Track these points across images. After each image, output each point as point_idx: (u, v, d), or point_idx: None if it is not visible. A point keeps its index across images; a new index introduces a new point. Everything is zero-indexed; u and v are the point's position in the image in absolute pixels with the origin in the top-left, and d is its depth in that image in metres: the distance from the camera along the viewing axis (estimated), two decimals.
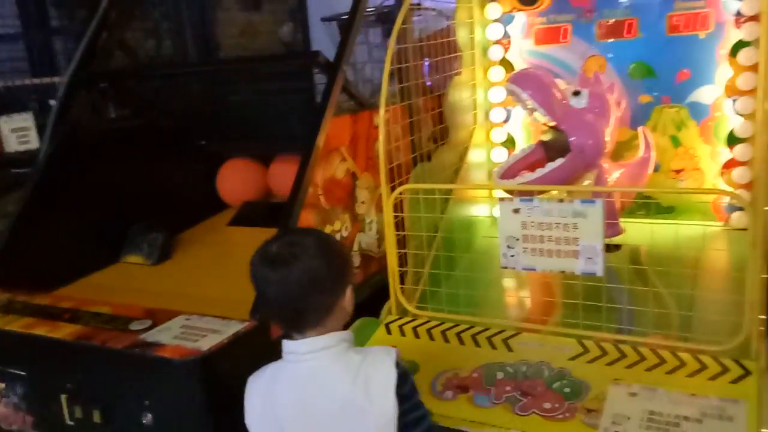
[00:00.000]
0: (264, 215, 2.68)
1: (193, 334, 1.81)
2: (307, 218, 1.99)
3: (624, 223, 2.33)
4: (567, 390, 1.70)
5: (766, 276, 1.77)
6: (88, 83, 2.71)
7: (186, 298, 2.06)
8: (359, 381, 1.24)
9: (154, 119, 2.86)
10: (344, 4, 3.30)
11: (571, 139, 2.24)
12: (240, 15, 3.54)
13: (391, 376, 1.24)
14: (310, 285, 1.26)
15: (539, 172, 2.22)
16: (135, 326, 1.89)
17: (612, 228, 2.41)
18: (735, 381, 1.66)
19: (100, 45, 2.74)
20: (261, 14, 3.55)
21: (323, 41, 3.24)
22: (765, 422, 1.50)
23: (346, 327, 1.44)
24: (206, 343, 1.72)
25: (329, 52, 2.43)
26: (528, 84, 2.24)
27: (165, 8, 3.20)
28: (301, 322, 1.30)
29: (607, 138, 2.35)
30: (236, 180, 2.88)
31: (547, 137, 2.35)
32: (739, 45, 2.38)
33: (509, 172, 2.33)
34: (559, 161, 2.22)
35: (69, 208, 2.49)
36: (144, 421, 1.74)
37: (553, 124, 2.27)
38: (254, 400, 1.35)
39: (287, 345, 1.33)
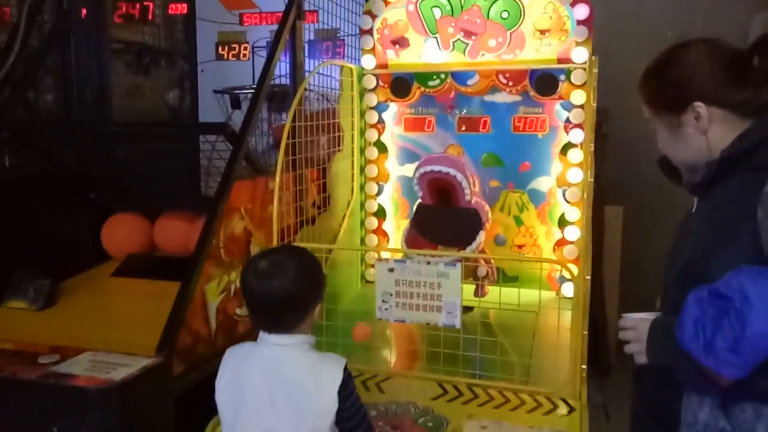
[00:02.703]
0: (148, 268, 2.78)
1: (103, 366, 1.90)
2: (208, 269, 2.16)
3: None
4: (430, 424, 1.98)
5: (585, 332, 2.20)
6: None
7: (78, 342, 2.10)
8: (313, 375, 1.49)
9: (48, 170, 2.88)
10: (233, 81, 3.59)
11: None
12: (127, 78, 3.67)
13: (338, 378, 1.50)
14: (285, 303, 1.50)
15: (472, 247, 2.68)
16: (44, 360, 1.95)
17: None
18: (563, 416, 2.03)
19: (4, 98, 2.80)
20: (149, 79, 3.70)
21: (212, 110, 3.46)
22: None
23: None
24: (119, 374, 1.83)
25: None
26: (453, 166, 2.65)
27: (62, 67, 3.25)
28: (275, 328, 1.53)
29: None
30: (121, 233, 2.92)
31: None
32: (568, 146, 2.94)
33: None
34: (482, 235, 2.71)
35: None
36: None
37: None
38: (227, 367, 1.56)
39: (262, 335, 1.56)
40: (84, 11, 3.28)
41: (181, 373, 2.01)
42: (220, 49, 3.82)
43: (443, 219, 2.71)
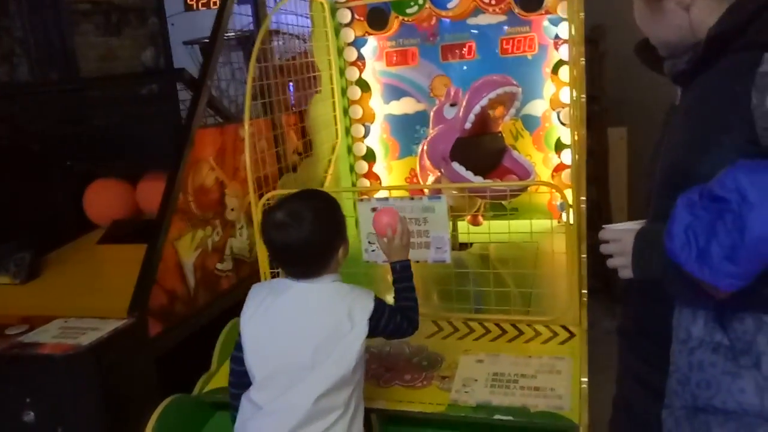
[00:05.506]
0: (134, 232, 2.67)
1: (72, 333, 1.85)
2: (178, 224, 2.06)
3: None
4: (424, 363, 1.90)
5: (584, 256, 2.08)
6: None
7: (58, 311, 2.05)
8: (345, 305, 1.49)
9: (18, 141, 2.79)
10: (205, 30, 3.42)
11: None
12: (99, 40, 3.53)
13: (368, 308, 1.51)
14: (306, 251, 1.48)
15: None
16: (11, 331, 1.90)
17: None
18: (563, 342, 1.94)
19: None
20: (121, 39, 3.56)
21: (186, 64, 3.31)
22: (584, 373, 1.77)
23: None
24: (86, 339, 1.78)
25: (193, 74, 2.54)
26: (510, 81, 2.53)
27: (23, 33, 3.13)
28: (299, 275, 1.52)
29: None
30: (104, 199, 2.83)
31: None
32: (559, 64, 2.76)
33: None
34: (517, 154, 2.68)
35: None
36: (25, 419, 1.75)
37: None
38: (252, 302, 1.54)
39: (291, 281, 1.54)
40: None
41: (160, 333, 1.94)
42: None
43: (476, 148, 2.56)
